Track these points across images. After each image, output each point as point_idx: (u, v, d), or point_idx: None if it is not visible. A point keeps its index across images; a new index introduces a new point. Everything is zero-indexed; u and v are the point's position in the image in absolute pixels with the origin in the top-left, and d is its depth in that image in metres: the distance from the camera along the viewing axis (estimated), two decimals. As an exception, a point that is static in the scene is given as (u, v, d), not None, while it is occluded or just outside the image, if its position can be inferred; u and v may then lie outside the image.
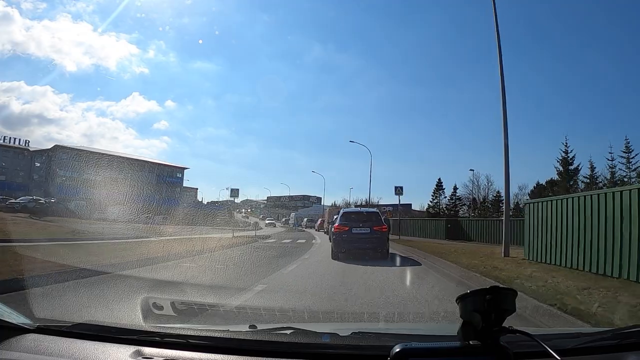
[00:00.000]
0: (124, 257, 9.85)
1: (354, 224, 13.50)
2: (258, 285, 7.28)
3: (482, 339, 1.31)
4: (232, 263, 11.76)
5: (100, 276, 7.17)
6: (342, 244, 13.02)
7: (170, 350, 1.62)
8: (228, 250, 15.68)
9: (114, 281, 6.84)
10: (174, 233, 22.72)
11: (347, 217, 14.22)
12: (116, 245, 13.67)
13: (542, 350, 1.35)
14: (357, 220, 13.80)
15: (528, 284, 7.35)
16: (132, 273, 7.75)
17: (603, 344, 1.65)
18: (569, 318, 4.98)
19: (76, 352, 1.62)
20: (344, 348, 1.62)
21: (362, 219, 13.91)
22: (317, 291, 7.21)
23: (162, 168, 65.79)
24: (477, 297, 1.30)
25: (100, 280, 6.95)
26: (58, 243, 13.47)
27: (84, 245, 13.99)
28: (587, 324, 4.63)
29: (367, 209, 18.17)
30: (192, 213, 40.75)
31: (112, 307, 5.08)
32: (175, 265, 9.78)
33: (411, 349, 1.34)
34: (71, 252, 10.17)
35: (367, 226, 13.44)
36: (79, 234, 17.74)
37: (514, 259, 12.45)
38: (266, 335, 1.77)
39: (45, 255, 8.95)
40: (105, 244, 14.49)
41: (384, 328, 3.61)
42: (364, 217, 14.11)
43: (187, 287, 6.63)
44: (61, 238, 15.52)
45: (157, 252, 11.78)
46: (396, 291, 7.09)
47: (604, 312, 5.12)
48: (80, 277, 6.94)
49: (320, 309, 5.35)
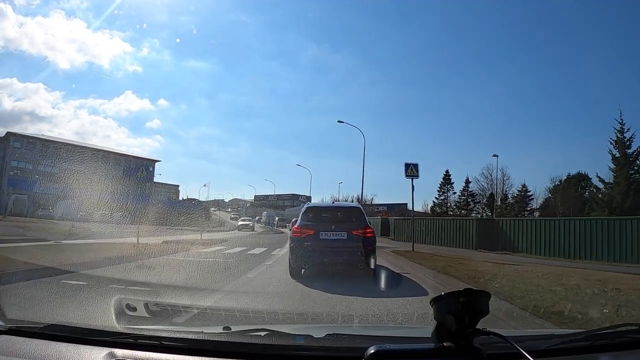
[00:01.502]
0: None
1: (322, 226, 9.16)
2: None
3: (456, 341, 1.32)
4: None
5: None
6: (304, 255, 8.82)
7: (143, 352, 1.59)
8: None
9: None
10: (110, 235, 19.69)
11: (313, 214, 9.66)
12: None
13: (515, 352, 1.37)
14: (327, 221, 9.41)
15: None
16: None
17: (576, 345, 1.68)
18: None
19: (48, 354, 1.59)
20: (318, 350, 1.62)
21: (336, 219, 9.50)
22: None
23: (130, 160, 59.04)
24: (451, 300, 1.31)
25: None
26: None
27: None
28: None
29: (343, 203, 13.09)
30: (161, 212, 37.93)
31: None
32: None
33: (385, 350, 1.34)
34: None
35: (342, 229, 9.05)
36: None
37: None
38: (240, 337, 1.76)
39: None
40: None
41: (358, 330, 3.63)
42: (339, 216, 9.69)
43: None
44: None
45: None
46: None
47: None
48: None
49: (294, 311, 5.34)
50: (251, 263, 11.78)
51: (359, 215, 9.63)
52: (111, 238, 17.99)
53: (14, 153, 52.04)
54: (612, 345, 1.69)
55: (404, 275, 9.91)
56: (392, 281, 8.68)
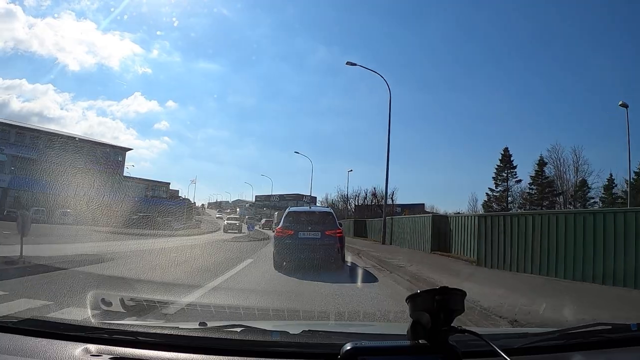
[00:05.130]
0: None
1: (301, 227, 11.37)
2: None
3: (432, 339, 1.34)
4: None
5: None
6: (286, 251, 10.91)
7: (119, 348, 1.57)
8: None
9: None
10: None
11: (293, 217, 11.94)
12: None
13: (490, 350, 1.38)
14: (305, 223, 11.65)
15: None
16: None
17: (550, 343, 1.70)
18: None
19: (23, 348, 1.56)
20: (294, 346, 1.62)
21: (313, 221, 11.76)
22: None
23: (93, 147, 50.93)
24: (427, 297, 1.32)
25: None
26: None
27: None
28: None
29: (319, 207, 16.10)
30: (130, 210, 33.26)
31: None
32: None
33: (361, 347, 1.35)
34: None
35: (317, 230, 11.31)
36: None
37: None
38: (216, 333, 1.76)
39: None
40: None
41: (335, 327, 3.65)
42: (315, 219, 11.95)
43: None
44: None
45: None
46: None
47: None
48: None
49: (270, 307, 5.34)
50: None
51: (332, 219, 11.96)
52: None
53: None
54: (586, 344, 1.72)
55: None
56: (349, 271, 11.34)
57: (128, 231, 22.63)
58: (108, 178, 41.19)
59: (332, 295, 7.00)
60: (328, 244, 11.00)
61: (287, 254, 10.81)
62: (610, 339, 1.74)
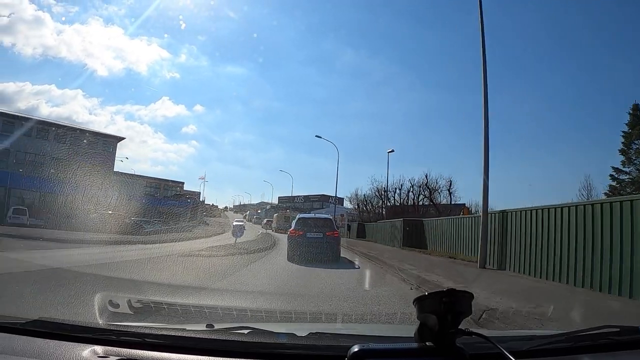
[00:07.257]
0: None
1: (308, 229, 14.84)
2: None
3: (439, 341, 1.33)
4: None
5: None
6: (297, 247, 14.14)
7: (126, 349, 1.58)
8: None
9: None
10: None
11: (302, 222, 15.53)
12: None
13: (497, 352, 1.38)
14: (311, 226, 15.10)
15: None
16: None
17: (557, 346, 1.69)
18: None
19: (31, 349, 1.57)
20: (301, 348, 1.62)
21: (317, 225, 15.20)
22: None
23: (82, 136, 42.43)
24: (434, 299, 1.31)
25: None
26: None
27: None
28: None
29: (321, 215, 19.24)
30: (122, 211, 29.68)
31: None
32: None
33: (368, 349, 1.34)
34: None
35: (320, 231, 14.72)
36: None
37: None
38: (223, 335, 1.75)
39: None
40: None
41: (341, 329, 3.64)
42: (319, 223, 15.44)
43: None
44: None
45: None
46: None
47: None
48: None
49: (277, 309, 5.34)
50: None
51: (331, 223, 15.97)
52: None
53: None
54: (594, 346, 1.71)
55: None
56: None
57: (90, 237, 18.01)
58: (92, 172, 33.41)
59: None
60: (328, 242, 14.49)
61: (298, 248, 14.06)
62: (619, 342, 1.72)
